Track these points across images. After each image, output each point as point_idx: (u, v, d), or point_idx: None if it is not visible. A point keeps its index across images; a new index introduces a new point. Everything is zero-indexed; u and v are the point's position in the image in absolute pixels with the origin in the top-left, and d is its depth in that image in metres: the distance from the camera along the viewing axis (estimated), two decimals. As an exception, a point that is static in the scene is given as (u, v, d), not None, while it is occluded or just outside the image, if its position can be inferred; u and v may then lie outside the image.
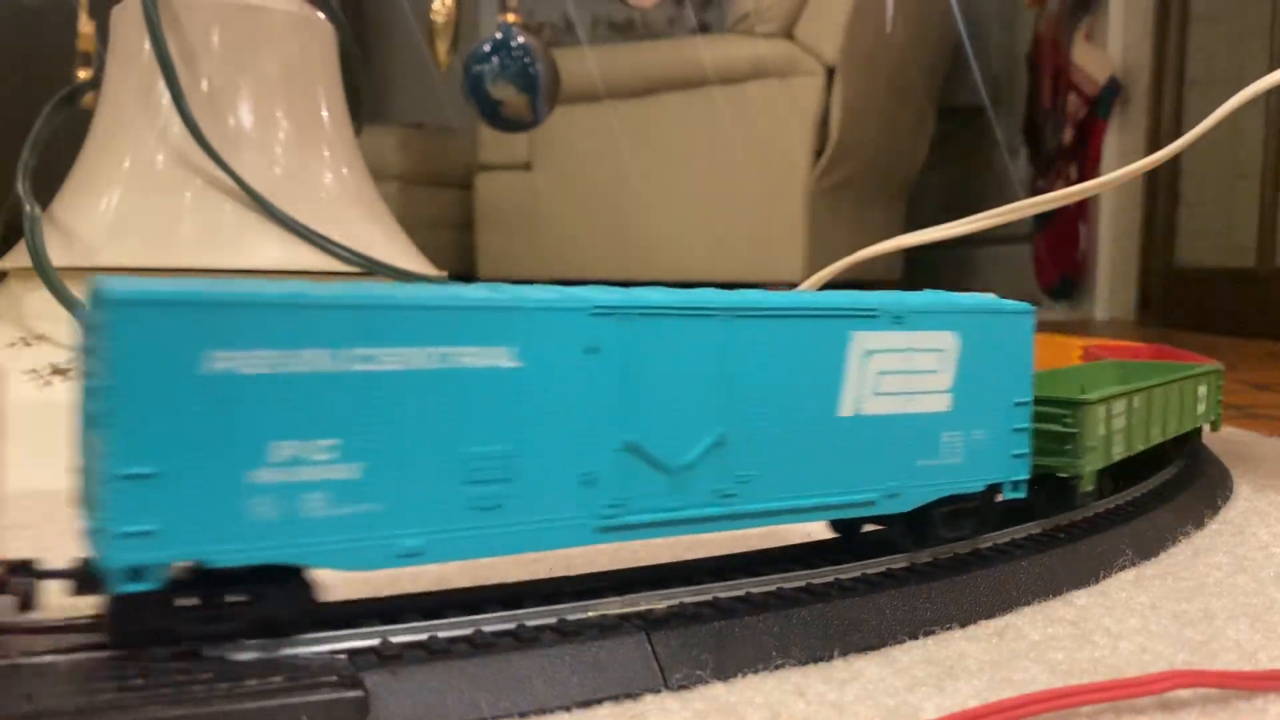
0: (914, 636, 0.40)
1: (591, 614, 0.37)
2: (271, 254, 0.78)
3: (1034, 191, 2.85)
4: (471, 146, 2.94)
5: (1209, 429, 0.74)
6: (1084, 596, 0.46)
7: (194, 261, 0.76)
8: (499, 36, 1.09)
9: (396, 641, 0.34)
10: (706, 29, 3.44)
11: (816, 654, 0.38)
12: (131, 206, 0.79)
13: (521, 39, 1.09)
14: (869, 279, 2.63)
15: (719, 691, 0.35)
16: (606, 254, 2.74)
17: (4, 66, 1.95)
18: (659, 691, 0.35)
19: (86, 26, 1.01)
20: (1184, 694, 0.35)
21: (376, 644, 0.33)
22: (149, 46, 0.78)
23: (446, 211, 3.18)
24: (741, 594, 0.40)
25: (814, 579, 0.41)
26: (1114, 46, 2.73)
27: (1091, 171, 2.70)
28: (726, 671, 0.36)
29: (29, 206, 0.77)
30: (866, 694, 0.35)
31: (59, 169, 0.86)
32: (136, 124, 0.81)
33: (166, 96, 0.78)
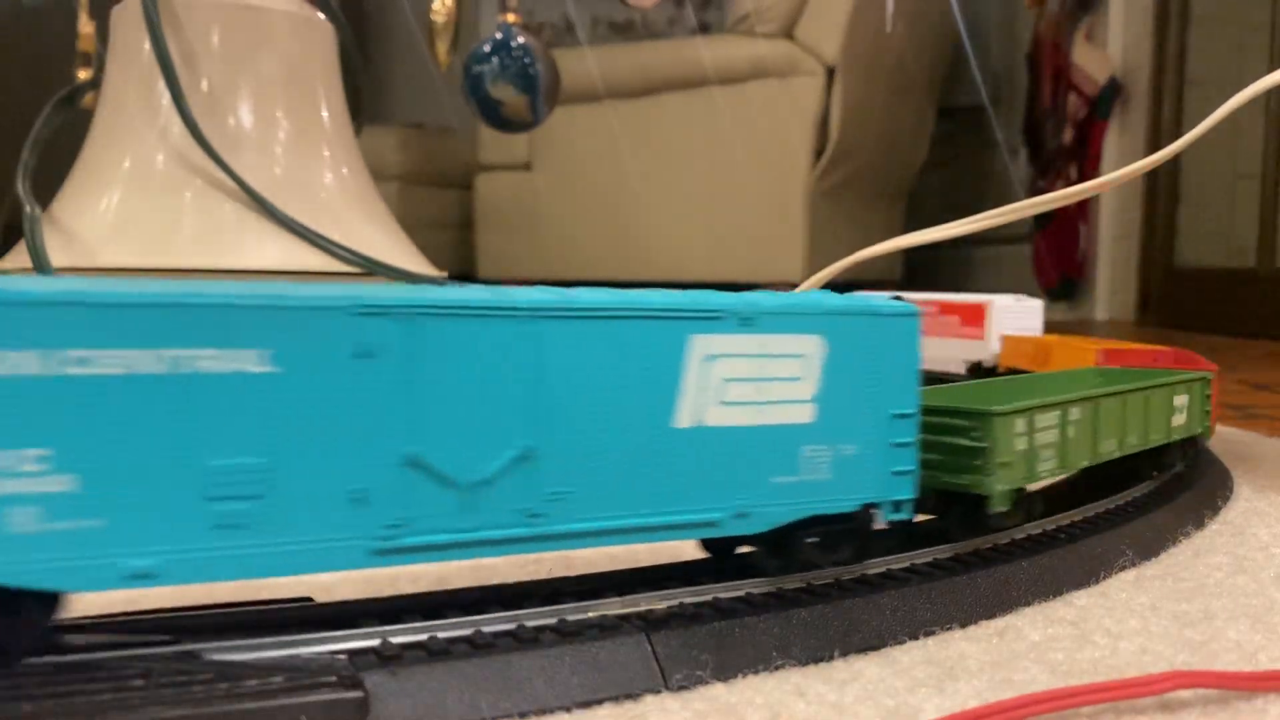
0: (914, 637, 0.40)
1: (592, 614, 0.37)
2: (271, 254, 0.78)
3: (1034, 192, 2.85)
4: (471, 147, 2.94)
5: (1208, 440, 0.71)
6: (1084, 597, 0.46)
7: (194, 262, 0.76)
8: (499, 37, 1.09)
9: (396, 642, 0.34)
10: (706, 29, 3.44)
11: (817, 654, 0.38)
12: (132, 207, 0.79)
13: (521, 39, 1.09)
14: (869, 279, 2.63)
15: (719, 692, 0.35)
16: (607, 254, 2.74)
17: (4, 67, 1.95)
18: (659, 692, 0.35)
19: (87, 27, 1.01)
20: (1184, 694, 0.35)
21: (376, 644, 0.33)
22: (149, 47, 0.78)
23: (446, 212, 3.18)
24: (741, 594, 0.40)
25: (814, 579, 0.41)
26: (1114, 47, 2.73)
27: (1091, 172, 2.70)
28: (727, 672, 0.36)
29: (29, 207, 0.77)
30: (867, 694, 0.35)
31: (59, 169, 0.86)
32: (137, 124, 0.81)
33: (167, 97, 0.78)
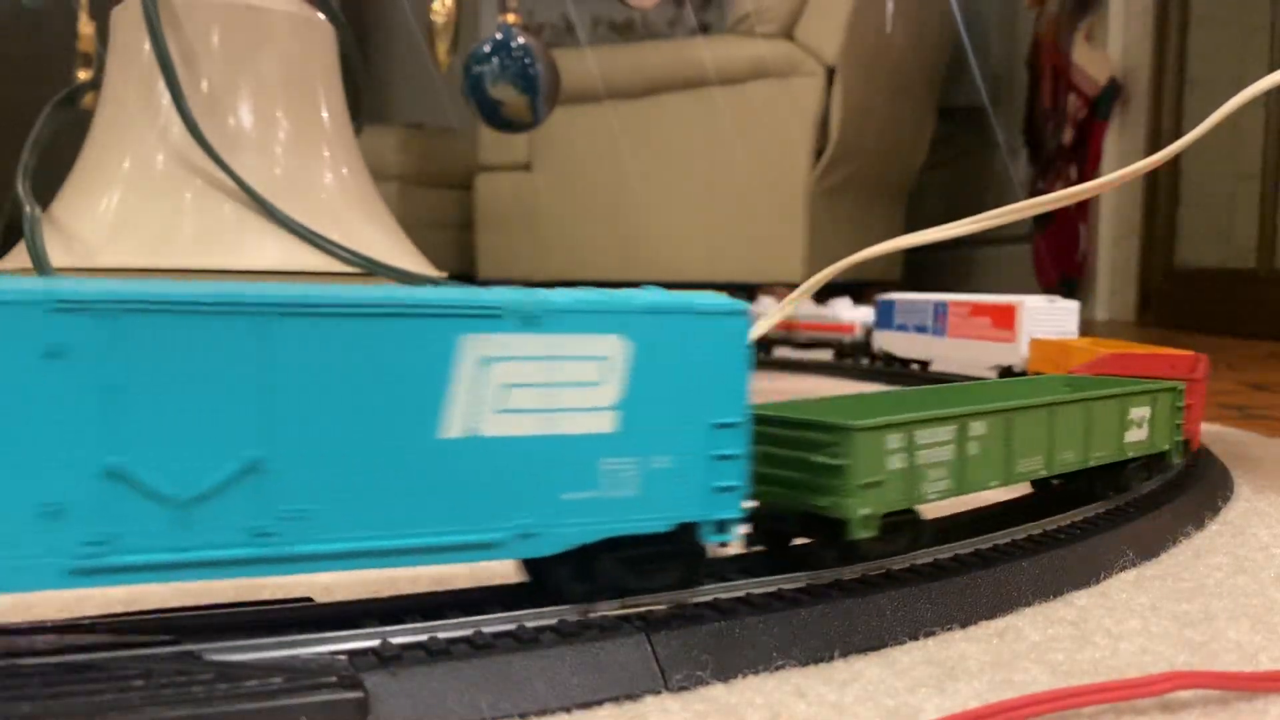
0: (914, 637, 0.40)
1: (592, 615, 0.37)
2: (271, 255, 0.78)
3: (1034, 192, 2.85)
4: (471, 147, 2.94)
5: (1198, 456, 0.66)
6: (1084, 597, 0.46)
7: (194, 262, 0.76)
8: (499, 37, 1.09)
9: (396, 642, 0.34)
10: (706, 29, 3.44)
11: (817, 655, 0.38)
12: (132, 207, 0.79)
13: (521, 40, 1.09)
14: (868, 279, 2.63)
15: (719, 692, 0.35)
16: (607, 255, 2.74)
17: (4, 67, 1.95)
18: (659, 692, 0.35)
19: (87, 27, 1.01)
20: (1185, 695, 0.35)
21: (376, 644, 0.33)
22: (149, 47, 0.78)
23: (446, 212, 3.18)
24: (742, 595, 0.40)
25: (814, 580, 0.41)
26: (1114, 47, 2.73)
27: (1091, 172, 2.70)
28: (727, 672, 0.36)
29: (29, 207, 0.77)
30: (867, 695, 0.35)
31: (59, 170, 0.86)
32: (137, 125, 0.81)
33: (167, 97, 0.78)
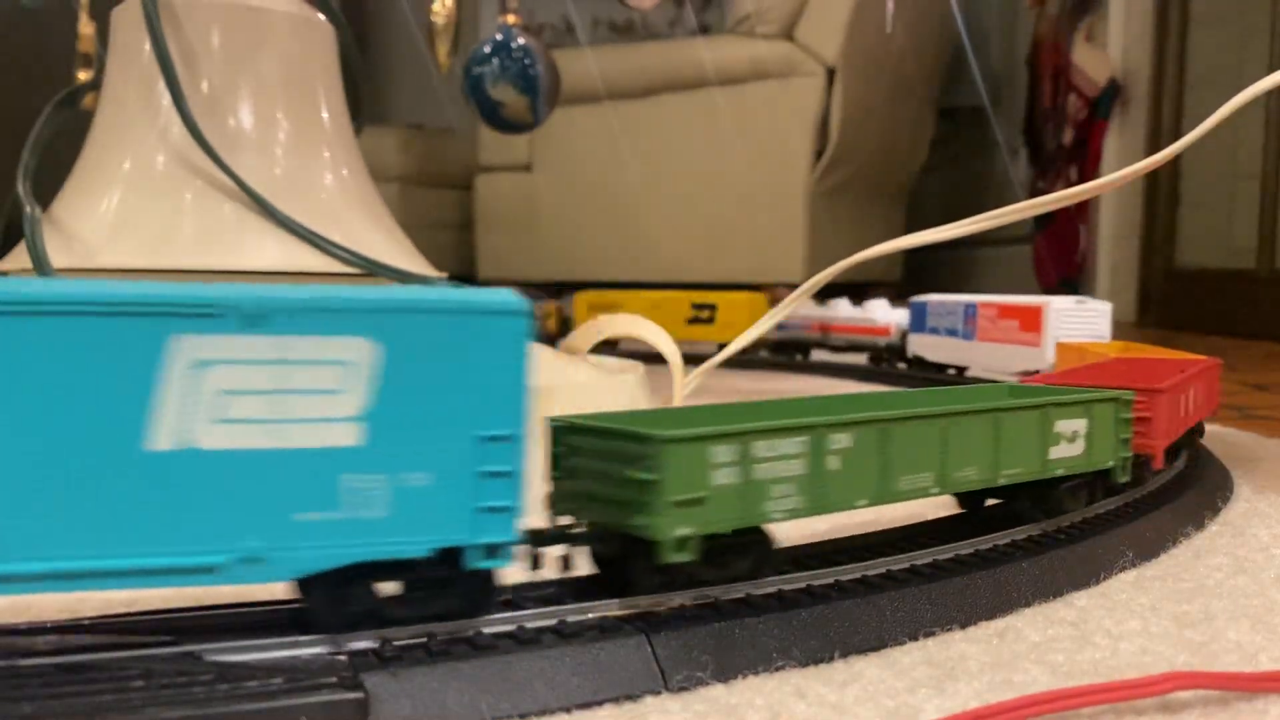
0: (914, 638, 0.40)
1: (592, 615, 0.37)
2: (271, 255, 0.78)
3: (1034, 193, 2.85)
4: (472, 148, 2.94)
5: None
6: (1084, 598, 0.46)
7: (194, 263, 0.76)
8: (499, 38, 1.09)
9: (396, 642, 0.34)
10: (706, 30, 3.43)
11: (817, 655, 0.38)
12: (132, 207, 0.79)
13: (522, 40, 1.09)
14: (868, 280, 2.63)
15: (719, 693, 0.35)
16: (607, 255, 2.74)
17: (5, 68, 1.95)
18: (659, 693, 0.35)
19: (87, 28, 1.01)
20: (1185, 695, 0.35)
21: (376, 645, 0.33)
22: (149, 47, 0.78)
23: (447, 213, 3.18)
24: (742, 595, 0.40)
25: (814, 580, 0.41)
26: (1114, 47, 2.73)
27: (1091, 173, 2.70)
28: (727, 673, 0.36)
29: (29, 208, 0.77)
30: (867, 695, 0.35)
31: (60, 170, 0.86)
32: (137, 125, 0.81)
33: (167, 97, 0.78)
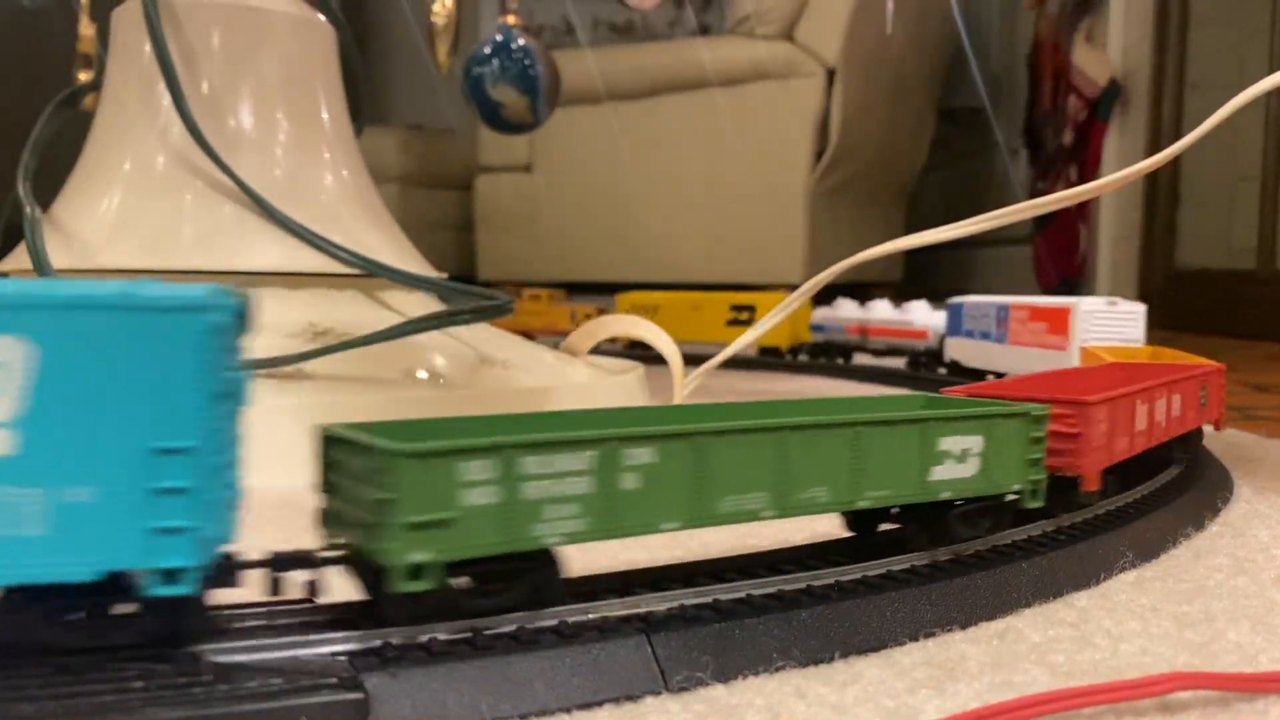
0: (914, 638, 0.40)
1: (592, 616, 0.37)
2: (271, 256, 0.78)
3: (1034, 193, 2.85)
4: (472, 148, 2.95)
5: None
6: (1085, 598, 0.46)
7: (194, 263, 0.76)
8: (499, 39, 1.09)
9: (396, 643, 0.34)
10: (707, 31, 3.44)
11: (817, 656, 0.38)
12: (132, 208, 0.79)
13: (522, 41, 1.09)
14: (868, 280, 2.63)
15: (719, 693, 0.35)
16: (607, 256, 2.74)
17: (5, 69, 1.95)
18: (659, 693, 0.35)
19: (87, 29, 1.01)
20: (1185, 696, 0.35)
21: (376, 645, 0.33)
22: (149, 48, 0.78)
23: (447, 213, 3.18)
24: (742, 596, 0.40)
25: (814, 581, 0.41)
26: (1114, 48, 2.73)
27: (1091, 173, 2.70)
28: (727, 673, 0.36)
29: (29, 208, 0.77)
30: (867, 696, 0.35)
31: (60, 171, 0.86)
32: (137, 126, 0.81)
33: (167, 98, 0.78)
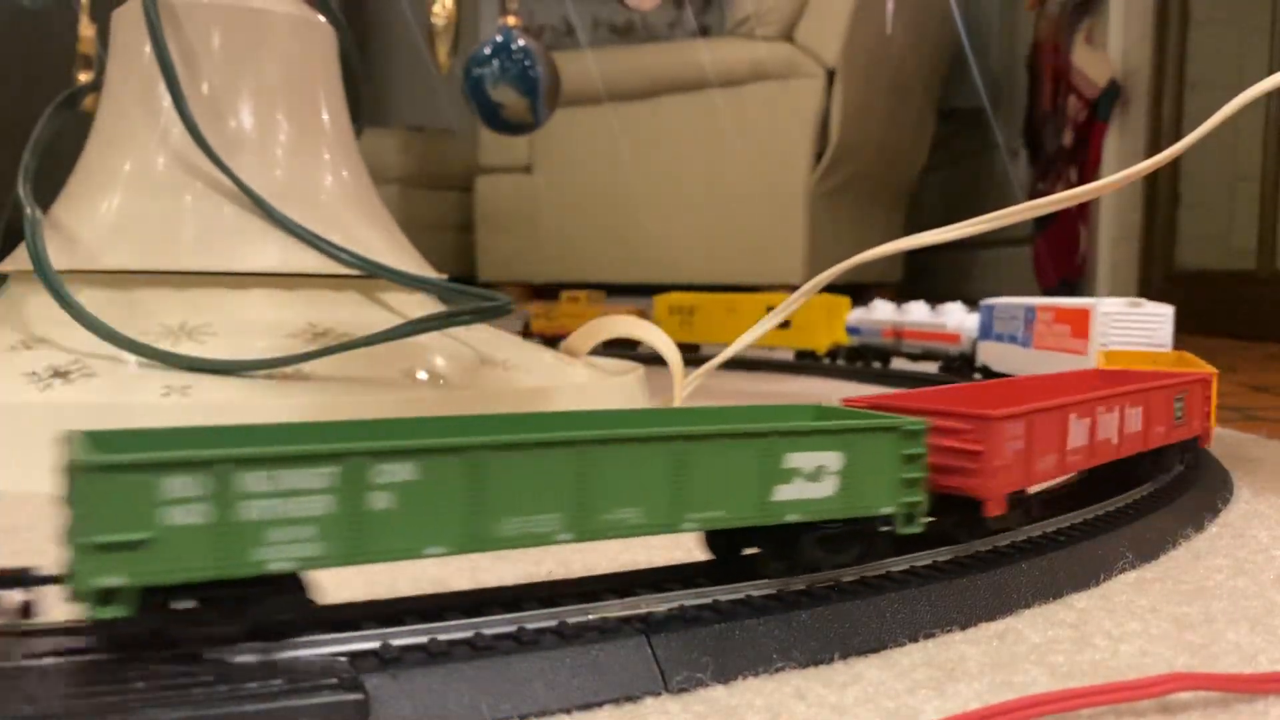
0: (914, 639, 0.40)
1: (592, 616, 0.37)
2: (272, 257, 0.78)
3: (1034, 194, 2.85)
4: (472, 149, 2.95)
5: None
6: (1084, 599, 0.46)
7: (194, 264, 0.76)
8: (499, 39, 1.09)
9: (397, 644, 0.34)
10: (706, 32, 3.44)
11: (817, 656, 0.38)
12: (132, 209, 0.79)
13: (522, 42, 1.09)
14: (869, 281, 2.64)
15: (719, 694, 0.35)
16: (607, 256, 2.74)
17: (5, 69, 1.95)
18: (659, 694, 0.35)
19: (88, 29, 1.01)
20: (1184, 697, 0.35)
21: (377, 646, 0.33)
22: (150, 49, 0.78)
23: (447, 214, 3.18)
24: (742, 597, 0.40)
25: (814, 582, 0.41)
26: (1114, 49, 2.73)
27: (1091, 174, 2.70)
28: (727, 674, 0.36)
29: (30, 209, 0.77)
30: (867, 697, 0.35)
31: (60, 172, 0.86)
32: (137, 127, 0.81)
33: (167, 99, 0.79)
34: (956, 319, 1.33)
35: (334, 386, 0.72)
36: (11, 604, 0.32)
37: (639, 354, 1.53)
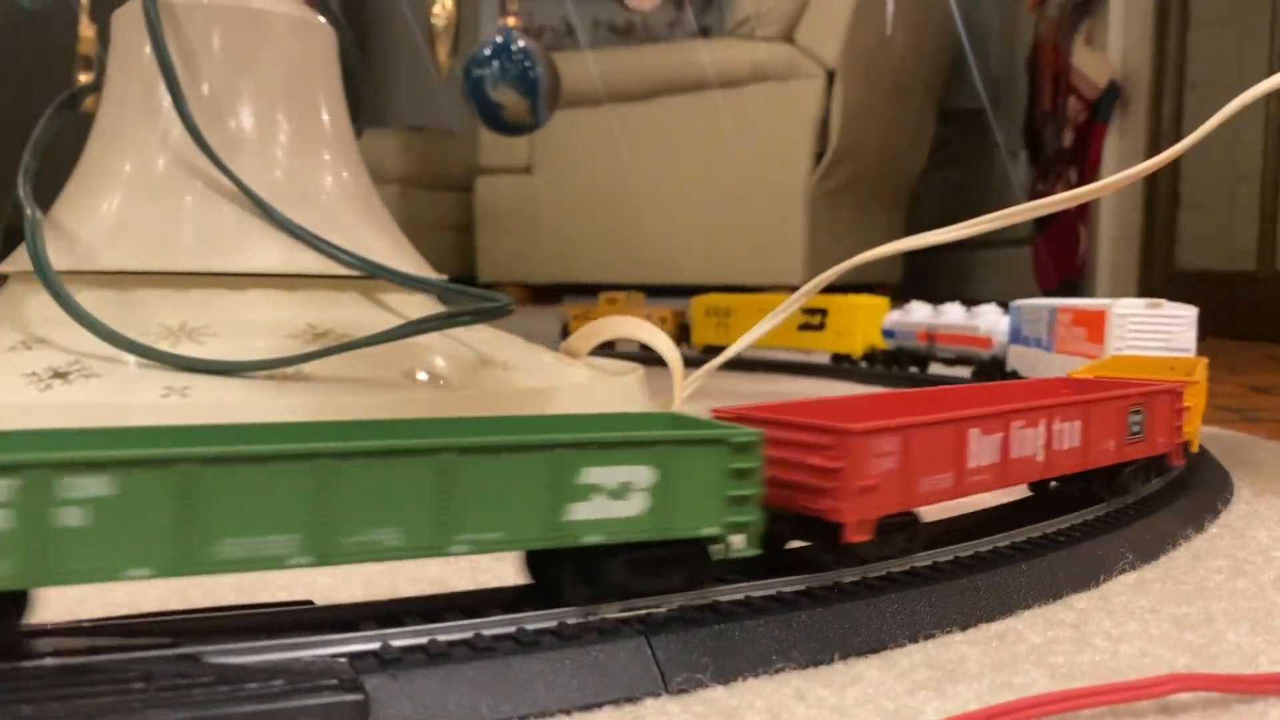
0: (914, 640, 0.41)
1: (592, 617, 0.37)
2: (272, 257, 0.78)
3: (1034, 195, 2.85)
4: (472, 150, 2.95)
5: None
6: (1084, 600, 0.46)
7: (194, 265, 0.76)
8: (499, 40, 1.09)
9: (397, 645, 0.34)
10: (707, 32, 3.44)
11: (817, 657, 0.38)
12: (132, 210, 0.79)
13: (522, 42, 1.09)
14: (869, 282, 2.63)
15: (719, 695, 0.35)
16: (607, 257, 2.75)
17: (5, 70, 1.95)
18: (659, 695, 0.35)
19: (88, 30, 1.01)
20: (1184, 697, 0.35)
21: (377, 647, 0.33)
22: (150, 50, 0.78)
23: (447, 214, 3.18)
24: (741, 598, 0.40)
25: (814, 583, 0.41)
26: (1114, 50, 2.74)
27: (1091, 175, 2.70)
28: (727, 675, 0.36)
29: (30, 210, 0.77)
30: (867, 697, 0.35)
31: (60, 173, 0.86)
32: (137, 127, 0.81)
33: (167, 100, 0.79)
34: (989, 321, 1.26)
35: (334, 387, 0.72)
36: None
37: (637, 354, 1.53)
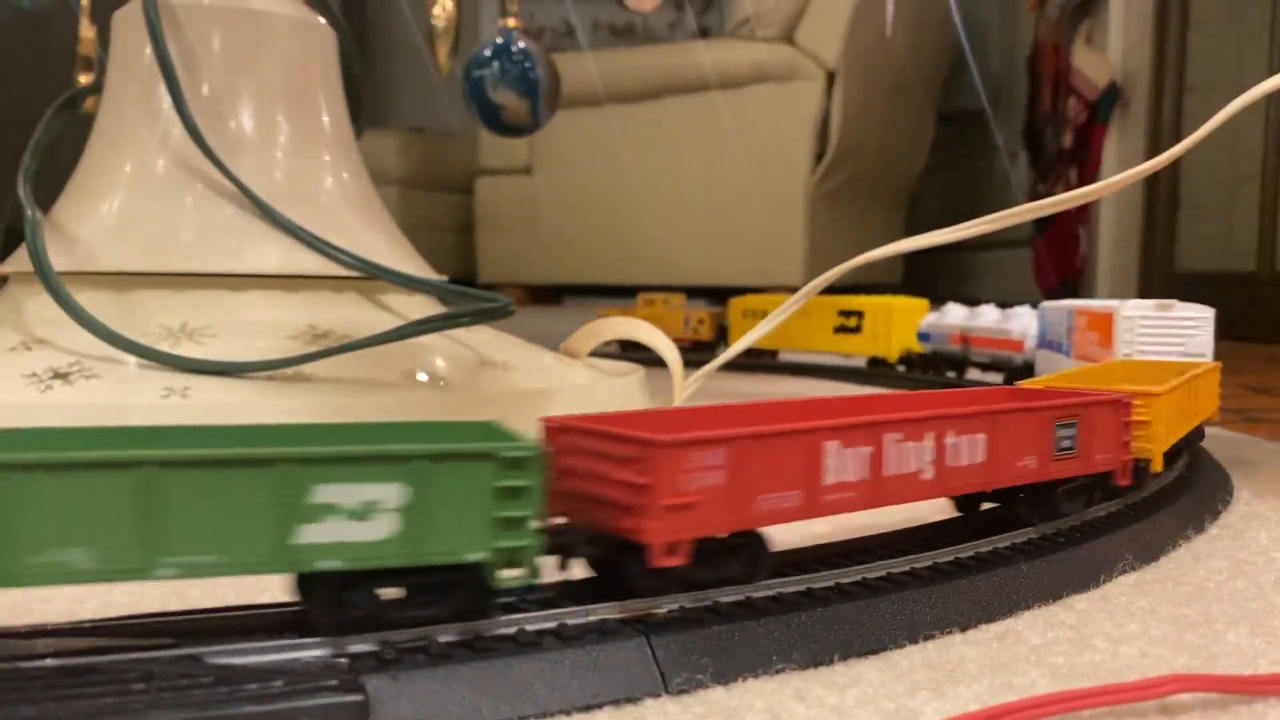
0: (914, 640, 0.41)
1: (592, 618, 0.37)
2: (272, 258, 0.78)
3: (1034, 196, 2.85)
4: (472, 151, 2.95)
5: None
6: (1084, 600, 0.46)
7: (194, 266, 0.76)
8: (499, 41, 1.09)
9: (397, 645, 0.34)
10: (707, 33, 3.44)
11: (817, 658, 0.38)
12: (133, 211, 0.79)
13: (522, 43, 1.09)
14: (869, 282, 2.63)
15: (719, 695, 0.35)
16: (607, 258, 2.75)
17: (5, 71, 1.95)
18: (659, 695, 0.35)
19: (88, 31, 1.01)
20: (1184, 698, 0.35)
21: (377, 648, 0.33)
22: (150, 51, 0.78)
23: (447, 215, 3.18)
24: (742, 598, 0.40)
25: (814, 583, 0.41)
26: (1114, 51, 2.74)
27: (1091, 176, 2.70)
28: (727, 675, 0.36)
29: (30, 211, 0.77)
30: (866, 698, 0.35)
31: (61, 174, 0.86)
32: (138, 128, 0.81)
33: (167, 101, 0.79)
34: (1022, 324, 1.20)
35: (334, 388, 0.72)
36: None
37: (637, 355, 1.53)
